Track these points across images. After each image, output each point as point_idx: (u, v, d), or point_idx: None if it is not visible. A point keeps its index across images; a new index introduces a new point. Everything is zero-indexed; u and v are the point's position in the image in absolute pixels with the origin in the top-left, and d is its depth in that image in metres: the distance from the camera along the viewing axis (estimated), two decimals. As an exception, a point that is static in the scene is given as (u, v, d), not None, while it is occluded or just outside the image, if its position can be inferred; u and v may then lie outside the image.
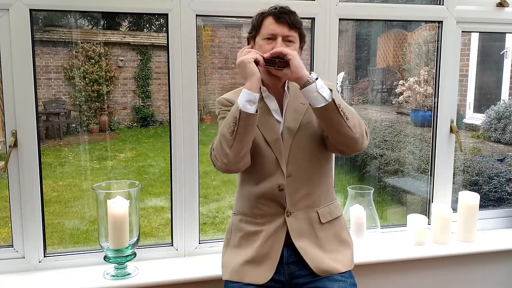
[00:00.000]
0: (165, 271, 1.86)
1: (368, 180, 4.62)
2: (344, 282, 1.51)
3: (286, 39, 1.47)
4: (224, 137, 1.41)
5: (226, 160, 1.42)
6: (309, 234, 1.54)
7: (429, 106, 5.08)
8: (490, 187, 3.69)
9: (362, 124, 1.48)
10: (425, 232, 2.12)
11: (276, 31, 1.46)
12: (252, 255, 1.53)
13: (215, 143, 1.47)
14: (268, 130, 1.51)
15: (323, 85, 1.39)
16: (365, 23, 6.49)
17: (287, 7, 1.50)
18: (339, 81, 6.35)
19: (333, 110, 1.37)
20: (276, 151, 1.51)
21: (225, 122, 1.42)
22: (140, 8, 1.85)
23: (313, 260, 1.52)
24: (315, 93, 1.37)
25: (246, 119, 1.37)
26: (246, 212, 1.59)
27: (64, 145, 6.08)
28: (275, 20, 1.47)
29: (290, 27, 1.47)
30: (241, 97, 1.39)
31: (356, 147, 1.47)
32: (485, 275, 2.18)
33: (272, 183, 1.52)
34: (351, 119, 1.41)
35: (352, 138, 1.42)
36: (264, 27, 1.49)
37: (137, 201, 1.84)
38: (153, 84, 7.20)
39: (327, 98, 1.37)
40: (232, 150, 1.40)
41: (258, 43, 1.50)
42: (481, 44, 5.13)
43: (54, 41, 6.43)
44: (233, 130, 1.38)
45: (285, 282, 1.54)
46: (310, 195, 1.55)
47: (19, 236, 1.84)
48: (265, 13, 1.50)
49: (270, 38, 1.47)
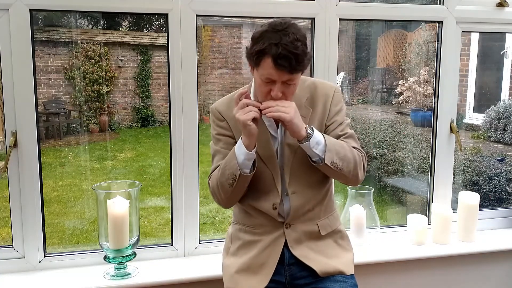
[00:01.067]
0: (165, 271, 1.86)
1: (368, 180, 4.60)
2: (345, 283, 1.50)
3: (286, 82, 1.35)
4: (223, 186, 1.47)
5: (224, 203, 1.54)
6: (307, 243, 1.54)
7: (429, 106, 5.08)
8: (490, 187, 3.69)
9: (359, 164, 1.48)
10: (425, 232, 2.12)
11: (275, 77, 1.33)
12: (248, 264, 1.53)
13: (212, 183, 1.52)
14: (262, 145, 1.48)
15: (319, 139, 1.41)
16: (365, 23, 6.48)
17: (290, 42, 1.28)
18: (339, 81, 6.34)
19: (326, 168, 1.42)
20: (271, 167, 1.50)
21: (224, 170, 1.45)
22: (140, 8, 1.85)
23: (315, 263, 1.51)
24: (310, 150, 1.41)
25: (244, 177, 1.43)
26: (245, 222, 1.59)
27: (64, 145, 6.08)
28: (274, 65, 1.29)
29: (291, 72, 1.32)
30: (239, 153, 1.40)
31: (349, 184, 1.57)
32: (485, 275, 2.18)
33: (268, 202, 1.51)
34: (345, 167, 1.44)
35: (346, 180, 1.51)
36: (262, 67, 1.33)
37: (137, 201, 1.84)
38: (153, 84, 7.20)
39: (320, 155, 1.40)
40: (230, 197, 1.50)
41: (257, 79, 1.39)
42: (481, 44, 5.13)
43: (54, 41, 6.43)
44: (232, 184, 1.44)
45: (286, 284, 1.54)
46: (312, 210, 1.55)
47: (19, 236, 1.84)
48: (265, 51, 1.30)
49: (268, 81, 1.35)
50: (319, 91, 1.53)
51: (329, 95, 1.53)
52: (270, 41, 1.29)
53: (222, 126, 1.54)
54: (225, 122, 1.54)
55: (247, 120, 1.34)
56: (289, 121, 1.35)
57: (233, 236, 1.63)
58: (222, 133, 1.54)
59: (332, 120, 1.52)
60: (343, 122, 1.53)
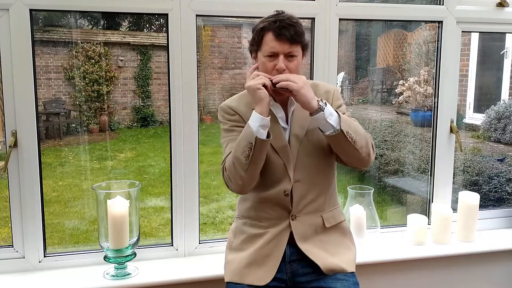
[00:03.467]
0: (165, 271, 1.86)
1: (368, 180, 4.62)
2: (347, 281, 1.51)
3: (288, 55, 1.45)
4: (239, 161, 1.43)
5: (242, 182, 1.46)
6: (313, 237, 1.55)
7: (429, 106, 5.07)
8: (490, 187, 3.68)
9: (369, 142, 1.50)
10: (425, 232, 2.12)
11: (277, 49, 1.44)
12: (254, 256, 1.54)
13: (228, 165, 1.49)
14: (275, 137, 1.51)
15: (332, 112, 1.42)
16: (365, 23, 6.49)
17: (287, 18, 1.44)
18: (339, 81, 6.34)
19: (341, 137, 1.41)
20: (284, 157, 1.52)
21: (238, 145, 1.44)
22: (140, 8, 1.85)
23: (319, 259, 1.52)
24: (323, 121, 1.41)
25: (261, 144, 1.41)
26: (251, 215, 1.59)
27: (64, 145, 6.07)
28: (275, 36, 1.43)
29: (291, 42, 1.43)
30: (253, 122, 1.41)
31: (363, 164, 1.54)
32: (485, 275, 2.18)
33: (279, 189, 1.53)
34: (358, 141, 1.44)
35: (359, 158, 1.49)
36: (264, 43, 1.45)
37: (137, 201, 1.84)
38: (153, 84, 7.19)
39: (335, 126, 1.40)
40: (247, 173, 1.44)
41: (261, 60, 1.48)
42: (481, 44, 5.12)
43: (54, 41, 6.43)
44: (248, 155, 1.41)
45: (287, 281, 1.55)
46: (316, 200, 1.56)
47: (19, 236, 1.84)
48: (265, 27, 1.45)
49: (271, 55, 1.45)
50: (321, 88, 1.60)
51: (330, 91, 1.59)
52: (269, 20, 1.45)
53: (235, 119, 1.56)
54: (237, 116, 1.56)
55: (256, 84, 1.40)
56: (297, 91, 1.39)
57: (237, 230, 1.63)
58: (235, 124, 1.56)
59: None
60: (346, 113, 1.57)
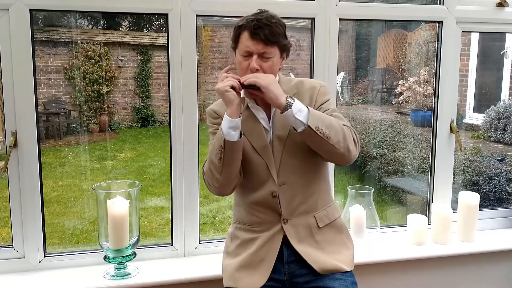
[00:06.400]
0: (165, 271, 1.86)
1: (368, 180, 4.62)
2: (345, 281, 1.51)
3: (262, 55, 1.44)
4: (213, 164, 1.46)
5: (218, 184, 1.49)
6: (308, 238, 1.55)
7: (429, 106, 5.07)
8: (490, 187, 3.68)
9: (348, 137, 1.45)
10: (425, 232, 2.12)
11: (251, 48, 1.43)
12: (247, 261, 1.54)
13: (205, 168, 1.52)
14: (255, 137, 1.51)
15: (301, 108, 1.39)
16: (365, 23, 6.48)
17: (264, 18, 1.43)
18: (339, 81, 6.34)
19: (312, 133, 1.39)
20: (265, 157, 1.52)
21: (213, 147, 1.46)
22: (140, 8, 1.85)
23: (316, 261, 1.52)
24: (293, 118, 1.39)
25: (231, 146, 1.42)
26: (244, 220, 1.60)
27: (64, 145, 6.07)
28: (250, 36, 1.42)
29: (265, 43, 1.42)
30: (223, 124, 1.42)
31: (343, 161, 1.48)
32: (485, 275, 2.18)
33: (265, 190, 1.52)
34: (333, 136, 1.40)
35: (337, 154, 1.44)
36: (240, 42, 1.46)
37: (137, 201, 1.84)
38: (153, 84, 7.19)
39: (304, 122, 1.38)
40: (222, 175, 1.46)
41: (237, 58, 1.49)
42: (481, 44, 5.13)
43: (54, 41, 6.43)
44: (220, 158, 1.43)
45: (285, 282, 1.55)
46: (306, 201, 1.55)
47: (19, 236, 1.84)
48: (243, 26, 1.44)
49: (246, 55, 1.45)
50: (306, 85, 1.57)
51: (315, 87, 1.57)
52: (249, 18, 1.44)
53: (218, 122, 1.56)
54: (220, 119, 1.55)
55: (224, 87, 1.40)
56: (265, 87, 1.38)
57: (232, 235, 1.64)
58: (218, 127, 1.55)
59: (318, 108, 1.52)
60: (330, 109, 1.54)
